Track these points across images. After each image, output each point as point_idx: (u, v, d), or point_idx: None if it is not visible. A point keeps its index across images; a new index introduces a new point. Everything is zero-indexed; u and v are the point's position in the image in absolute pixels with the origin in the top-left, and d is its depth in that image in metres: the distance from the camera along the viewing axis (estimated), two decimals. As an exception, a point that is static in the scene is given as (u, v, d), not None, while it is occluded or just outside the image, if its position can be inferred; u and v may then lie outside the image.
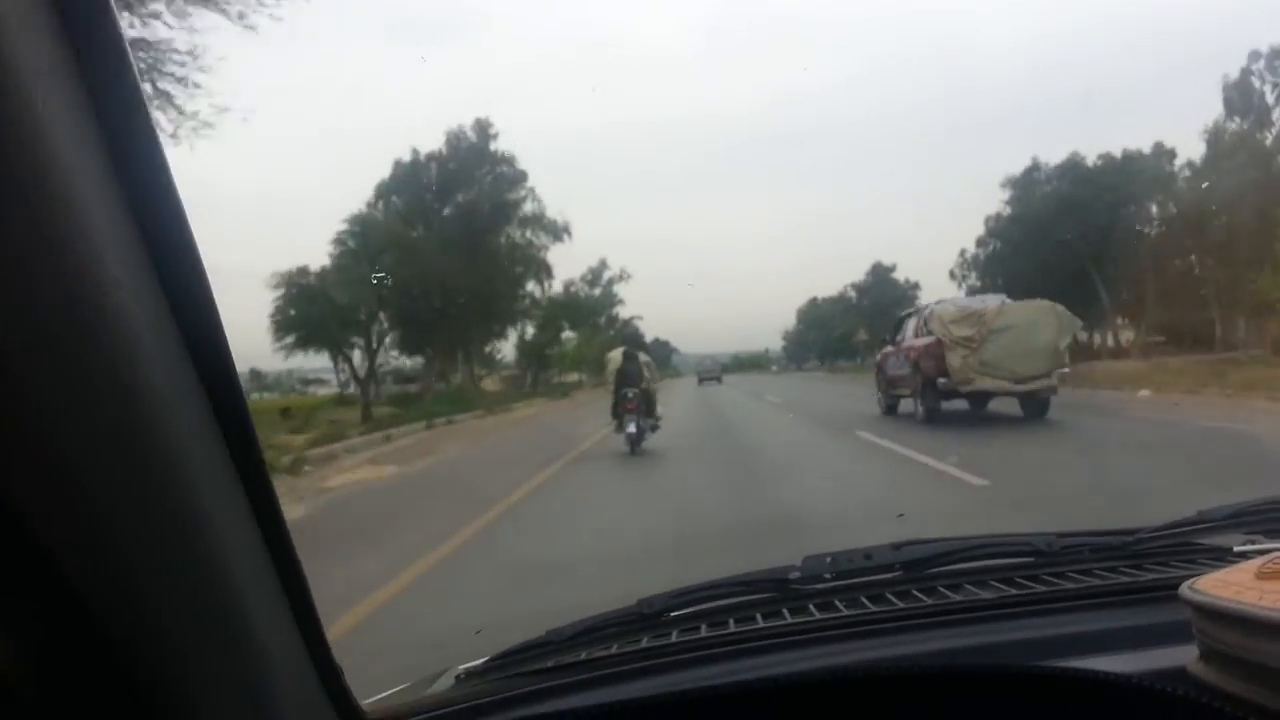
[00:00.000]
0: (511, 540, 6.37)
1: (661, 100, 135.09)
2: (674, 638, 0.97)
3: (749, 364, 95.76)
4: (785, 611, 1.00)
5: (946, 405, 12.85)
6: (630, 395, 11.05)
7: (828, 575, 1.06)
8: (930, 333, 12.78)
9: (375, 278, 30.25)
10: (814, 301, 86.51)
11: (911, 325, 14.38)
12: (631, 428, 10.99)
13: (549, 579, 4.72)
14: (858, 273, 77.47)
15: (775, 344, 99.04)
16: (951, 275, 48.49)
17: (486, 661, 1.02)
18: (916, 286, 69.25)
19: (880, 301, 69.26)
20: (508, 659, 1.01)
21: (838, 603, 1.01)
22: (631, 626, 1.01)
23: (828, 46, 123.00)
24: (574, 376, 59.07)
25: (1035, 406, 12.40)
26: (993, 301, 13.29)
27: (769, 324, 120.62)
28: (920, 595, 1.00)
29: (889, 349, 15.23)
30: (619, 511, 7.40)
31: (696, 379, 53.41)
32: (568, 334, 54.55)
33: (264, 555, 0.60)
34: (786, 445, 12.31)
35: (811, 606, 1.01)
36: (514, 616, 3.64)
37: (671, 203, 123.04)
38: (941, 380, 12.32)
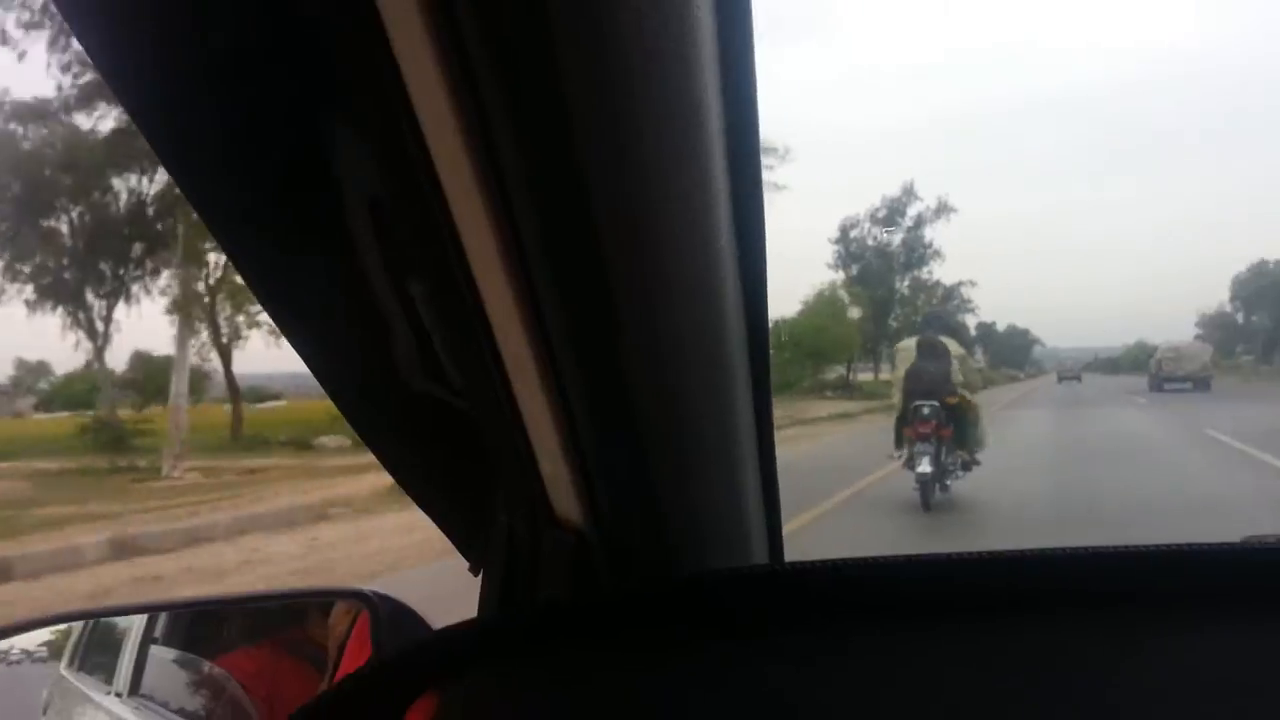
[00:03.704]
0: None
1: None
2: None
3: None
4: None
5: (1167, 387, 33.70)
6: (926, 412, 7.30)
7: None
8: (1158, 359, 34.60)
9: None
10: (1262, 266, 56.99)
11: (1157, 353, 35.60)
12: (925, 465, 7.08)
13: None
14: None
15: (1185, 332, 54.37)
16: None
17: None
18: None
19: None
20: None
21: None
22: None
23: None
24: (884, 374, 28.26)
25: (1202, 386, 32.92)
26: (1183, 343, 34.93)
27: (1183, 305, 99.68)
28: None
29: (1151, 363, 36.21)
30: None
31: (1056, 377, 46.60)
32: (853, 311, 32.33)
33: (753, 424, 0.74)
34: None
35: None
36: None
37: (1040, 173, 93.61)
38: (1161, 375, 33.75)
